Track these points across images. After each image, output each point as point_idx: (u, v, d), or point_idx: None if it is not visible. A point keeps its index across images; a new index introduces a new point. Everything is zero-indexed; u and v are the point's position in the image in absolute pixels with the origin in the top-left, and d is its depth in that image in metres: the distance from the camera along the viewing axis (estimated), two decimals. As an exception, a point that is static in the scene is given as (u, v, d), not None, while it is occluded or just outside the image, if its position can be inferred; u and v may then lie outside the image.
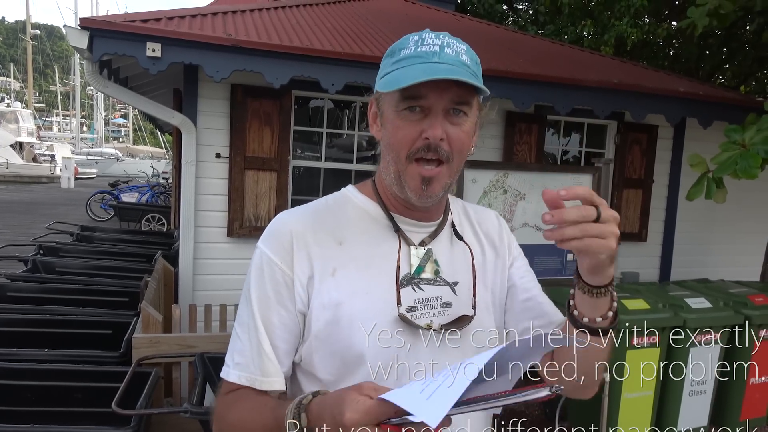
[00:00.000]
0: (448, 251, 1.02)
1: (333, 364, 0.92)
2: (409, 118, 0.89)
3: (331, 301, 0.91)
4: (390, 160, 0.93)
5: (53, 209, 14.27)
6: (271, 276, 0.92)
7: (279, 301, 0.92)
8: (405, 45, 0.91)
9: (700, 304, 3.60)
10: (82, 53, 3.61)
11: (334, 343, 0.91)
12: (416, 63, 0.87)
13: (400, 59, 0.89)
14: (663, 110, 4.67)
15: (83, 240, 6.24)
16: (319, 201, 1.03)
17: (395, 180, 0.93)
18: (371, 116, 0.99)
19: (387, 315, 0.92)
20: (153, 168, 20.12)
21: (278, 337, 0.92)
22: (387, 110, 0.93)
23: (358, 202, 1.01)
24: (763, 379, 3.87)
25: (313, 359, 0.93)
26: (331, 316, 0.90)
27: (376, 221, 0.99)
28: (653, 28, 8.51)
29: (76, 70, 45.14)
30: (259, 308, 0.92)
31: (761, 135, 3.67)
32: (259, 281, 0.93)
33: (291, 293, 0.92)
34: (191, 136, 3.98)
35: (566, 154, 5.41)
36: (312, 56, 3.76)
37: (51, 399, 2.56)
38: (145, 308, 3.02)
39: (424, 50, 0.88)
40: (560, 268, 4.24)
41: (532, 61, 4.94)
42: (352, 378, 0.90)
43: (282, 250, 0.93)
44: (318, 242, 0.94)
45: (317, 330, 0.91)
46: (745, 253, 5.76)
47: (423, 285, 0.96)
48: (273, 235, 0.95)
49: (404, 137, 0.89)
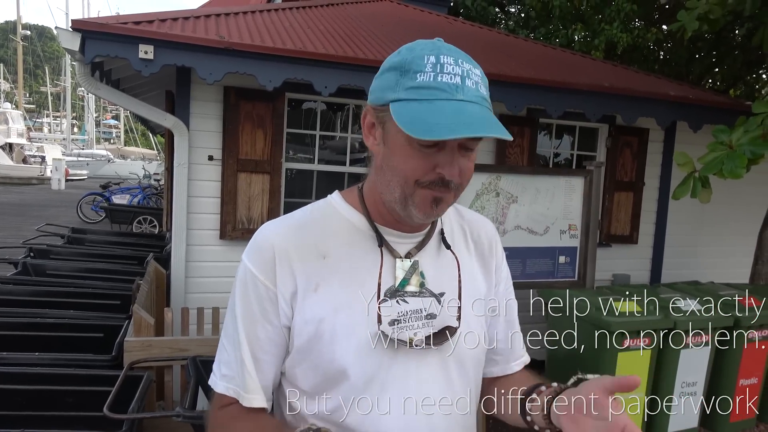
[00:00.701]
0: (434, 261, 0.99)
1: (315, 378, 0.92)
2: (423, 150, 0.84)
3: (313, 317, 0.90)
4: (395, 182, 0.88)
5: (43, 211, 14.16)
6: (255, 291, 0.93)
7: (264, 315, 0.92)
8: (421, 67, 0.83)
9: (690, 306, 3.63)
10: (74, 55, 3.60)
11: (316, 357, 0.91)
12: (441, 99, 0.81)
13: (419, 87, 0.82)
14: (654, 113, 4.71)
15: (74, 242, 6.19)
16: (304, 211, 1.00)
17: (400, 200, 0.89)
18: (367, 126, 0.92)
19: (369, 329, 0.90)
20: (144, 170, 19.99)
21: (264, 351, 0.93)
22: (395, 133, 0.86)
23: (343, 213, 0.98)
24: (752, 381, 3.91)
25: (296, 372, 0.94)
26: (314, 331, 0.90)
27: (361, 233, 0.96)
28: (643, 32, 8.57)
29: (66, 71, 44.88)
30: (244, 323, 0.93)
31: (748, 136, 3.71)
32: (244, 295, 0.94)
33: (275, 308, 0.92)
34: (184, 138, 3.97)
35: (558, 157, 5.44)
36: (305, 59, 3.76)
37: (42, 403, 2.54)
38: (137, 311, 3.01)
39: (445, 81, 0.81)
40: (552, 270, 4.27)
41: (525, 64, 4.97)
42: (335, 391, 0.91)
43: (265, 266, 0.92)
44: (301, 258, 0.92)
45: (300, 344, 0.92)
46: (734, 255, 5.81)
47: (407, 297, 0.95)
48: (256, 250, 0.95)
49: (416, 168, 0.85)
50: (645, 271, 5.51)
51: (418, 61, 0.84)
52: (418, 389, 0.93)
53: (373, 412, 0.91)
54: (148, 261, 4.48)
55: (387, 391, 0.91)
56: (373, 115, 0.91)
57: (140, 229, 10.66)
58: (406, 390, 0.92)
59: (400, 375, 0.92)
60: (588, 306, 3.53)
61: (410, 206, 0.89)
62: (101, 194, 13.14)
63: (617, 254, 5.32)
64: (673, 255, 5.55)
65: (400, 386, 0.92)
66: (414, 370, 0.93)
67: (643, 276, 5.48)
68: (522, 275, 4.17)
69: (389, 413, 0.91)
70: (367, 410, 0.90)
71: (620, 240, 5.30)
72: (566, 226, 4.27)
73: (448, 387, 0.97)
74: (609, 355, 3.41)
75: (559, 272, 4.28)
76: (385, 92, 0.86)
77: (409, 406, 0.92)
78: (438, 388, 0.96)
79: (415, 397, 0.93)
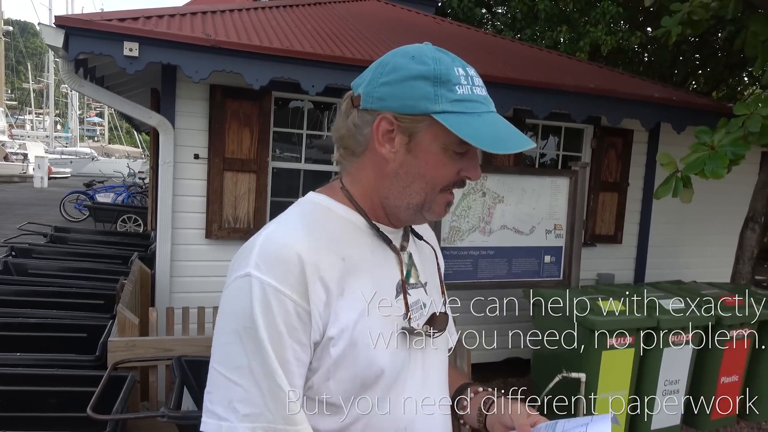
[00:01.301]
0: (418, 253, 1.05)
1: (352, 386, 0.88)
2: (455, 157, 0.90)
3: (347, 323, 0.86)
4: (417, 189, 0.91)
5: (26, 209, 13.97)
6: (282, 309, 0.81)
7: (292, 335, 0.82)
8: (457, 79, 0.87)
9: (673, 305, 3.68)
10: (57, 52, 3.55)
11: (353, 364, 0.87)
12: (483, 111, 0.88)
13: (462, 100, 0.86)
14: (638, 115, 4.77)
15: (57, 241, 6.11)
16: (302, 213, 0.93)
17: (416, 207, 0.93)
18: (382, 133, 0.89)
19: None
20: (129, 168, 19.84)
21: (295, 375, 0.84)
22: (429, 143, 0.88)
23: (341, 213, 0.95)
24: (733, 378, 3.97)
25: (329, 386, 0.87)
26: (348, 338, 0.86)
27: (362, 231, 0.95)
28: (627, 35, 8.67)
29: (49, 68, 44.32)
30: (273, 347, 0.81)
31: (730, 137, 3.77)
32: (267, 316, 0.81)
33: (306, 326, 0.83)
34: (169, 136, 3.94)
35: (544, 157, 5.48)
36: (292, 58, 3.75)
37: (24, 404, 2.51)
38: (121, 311, 2.98)
39: (478, 94, 0.88)
40: (537, 270, 4.30)
41: (511, 65, 5.00)
42: (369, 392, 0.90)
43: (293, 279, 0.82)
44: (327, 264, 0.86)
45: (336, 355, 0.86)
46: (717, 255, 5.90)
47: (411, 290, 0.98)
48: (279, 263, 0.83)
49: (446, 174, 0.90)
50: (629, 270, 5.57)
51: (451, 73, 0.87)
52: (426, 376, 0.98)
53: (399, 404, 0.93)
54: (133, 260, 4.44)
55: (408, 382, 0.94)
56: (393, 123, 0.88)
57: (125, 228, 10.55)
58: (418, 378, 0.97)
59: (414, 365, 0.96)
60: (572, 305, 3.56)
61: (425, 211, 0.93)
62: (85, 192, 13.00)
63: (602, 254, 5.37)
64: (656, 255, 5.62)
65: (416, 375, 0.96)
66: (421, 359, 0.97)
67: (627, 275, 5.54)
68: (508, 274, 4.20)
69: (410, 406, 0.95)
70: (394, 407, 0.92)
71: (605, 240, 5.35)
72: (552, 226, 4.31)
73: (442, 371, 1.05)
74: (593, 354, 3.44)
75: (545, 272, 4.32)
76: (418, 102, 0.86)
77: (423, 394, 0.97)
78: (438, 374, 1.03)
79: (426, 387, 0.98)
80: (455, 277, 4.02)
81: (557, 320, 3.70)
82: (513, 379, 4.75)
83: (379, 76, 0.89)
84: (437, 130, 0.87)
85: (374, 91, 0.89)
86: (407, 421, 0.94)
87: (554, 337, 3.74)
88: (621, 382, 3.57)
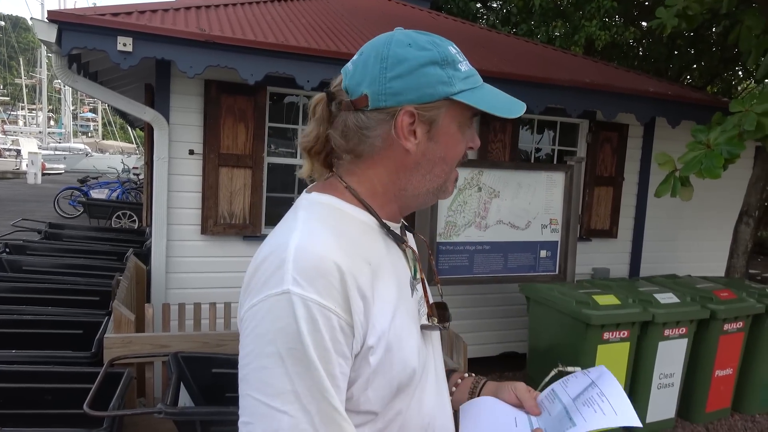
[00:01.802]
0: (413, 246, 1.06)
1: (390, 392, 0.85)
2: (466, 132, 0.93)
3: (383, 330, 0.83)
4: (438, 173, 0.92)
5: (19, 206, 13.90)
6: (328, 325, 0.76)
7: (337, 350, 0.78)
8: (454, 57, 0.90)
9: (668, 299, 3.70)
10: (50, 47, 3.53)
11: (390, 369, 0.84)
12: (481, 83, 0.92)
13: (468, 76, 0.90)
14: (633, 109, 4.77)
15: (51, 238, 6.09)
16: (319, 217, 0.87)
17: (434, 190, 0.94)
18: (405, 128, 0.87)
19: (417, 324, 0.93)
20: (123, 164, 19.76)
21: (342, 390, 0.79)
22: (448, 124, 0.90)
23: (354, 214, 0.90)
24: (727, 372, 4.00)
25: (368, 394, 0.84)
26: (385, 344, 0.83)
27: (374, 231, 0.91)
28: (622, 29, 8.68)
29: (42, 63, 43.96)
30: (323, 366, 0.76)
31: (725, 136, 3.78)
32: (315, 335, 0.75)
33: (349, 338, 0.79)
34: (163, 132, 3.92)
35: (539, 152, 5.49)
36: (287, 52, 3.74)
37: (20, 401, 2.50)
38: (117, 307, 2.97)
39: (471, 67, 0.92)
40: (533, 264, 4.31)
41: (506, 59, 4.99)
42: (401, 399, 0.88)
43: (335, 292, 0.78)
44: (360, 271, 0.82)
45: (375, 363, 0.82)
46: (711, 249, 5.93)
47: (417, 286, 0.98)
48: (317, 275, 0.77)
49: (461, 150, 0.94)
50: (624, 264, 5.59)
51: (450, 52, 0.89)
52: (436, 369, 0.99)
53: (423, 402, 0.93)
54: (128, 257, 4.43)
55: (429, 378, 0.95)
56: (413, 114, 0.87)
57: (119, 224, 10.52)
58: (433, 372, 0.97)
59: (430, 359, 0.97)
60: (568, 299, 3.58)
61: (441, 192, 0.95)
62: (79, 189, 12.94)
63: (597, 248, 5.39)
64: (651, 249, 5.64)
65: (429, 371, 0.96)
66: (432, 353, 0.98)
67: (623, 270, 5.57)
68: (504, 269, 4.21)
69: (430, 399, 0.95)
70: (419, 403, 0.92)
71: (600, 234, 5.37)
72: (547, 221, 4.32)
73: (443, 361, 1.06)
74: (589, 347, 3.46)
75: (541, 266, 4.33)
76: (435, 87, 0.86)
77: (437, 387, 0.98)
78: (442, 364, 1.04)
79: (437, 378, 0.99)
80: (451, 272, 4.03)
81: (553, 314, 3.71)
82: (509, 374, 4.77)
83: (385, 71, 0.85)
84: (454, 111, 0.89)
85: (385, 87, 0.85)
86: (431, 416, 0.94)
87: (550, 331, 3.76)
88: (616, 376, 3.57)
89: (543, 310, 3.82)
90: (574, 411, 0.93)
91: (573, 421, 0.91)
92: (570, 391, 0.99)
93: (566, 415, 0.94)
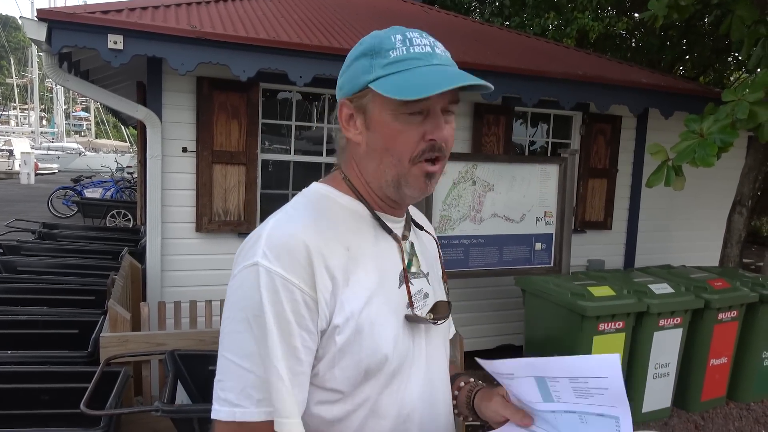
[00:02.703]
0: (419, 242, 1.06)
1: (357, 373, 0.89)
2: (411, 121, 0.87)
3: (352, 312, 0.87)
4: (387, 164, 0.91)
5: (13, 206, 13.82)
6: (290, 298, 0.82)
7: (300, 323, 0.83)
8: (391, 45, 0.87)
9: (662, 289, 3.71)
10: (40, 45, 3.50)
11: (359, 351, 0.88)
12: (419, 66, 0.86)
13: (395, 61, 0.86)
14: (626, 101, 4.78)
15: (46, 237, 6.06)
16: (306, 203, 0.95)
17: (393, 183, 0.92)
18: (345, 119, 0.94)
19: (399, 314, 0.93)
20: (117, 162, 19.63)
21: (302, 362, 0.85)
22: (379, 114, 0.89)
23: (343, 203, 0.96)
24: (722, 360, 4.03)
25: (334, 372, 0.88)
26: (354, 326, 0.87)
27: (364, 220, 0.96)
28: (614, 21, 8.68)
29: (33, 62, 43.69)
30: (281, 335, 0.82)
31: (718, 125, 3.80)
32: (276, 305, 0.82)
33: (314, 314, 0.85)
34: (156, 130, 3.90)
35: (533, 145, 5.50)
36: (279, 48, 3.72)
37: (17, 402, 2.50)
38: (113, 306, 2.97)
39: (417, 51, 0.87)
40: (529, 257, 4.32)
41: (499, 52, 4.99)
42: (372, 380, 0.90)
43: (300, 268, 0.83)
44: (332, 253, 0.87)
45: (342, 343, 0.87)
46: (705, 239, 5.96)
47: (413, 279, 0.99)
48: (286, 252, 0.84)
49: (408, 141, 0.88)
50: (619, 256, 5.61)
51: (386, 42, 0.88)
52: (429, 365, 0.99)
53: (403, 394, 0.94)
54: (123, 255, 4.42)
55: (412, 372, 0.96)
56: (350, 105, 0.92)
57: (114, 223, 10.49)
58: (422, 368, 0.98)
59: (418, 354, 0.97)
60: (564, 291, 3.59)
61: (404, 187, 0.92)
62: (73, 188, 12.88)
63: (592, 240, 5.41)
64: (646, 240, 5.66)
65: (419, 365, 0.97)
66: (424, 347, 0.98)
67: (617, 261, 5.59)
68: (499, 262, 4.22)
69: (414, 393, 0.96)
70: (399, 394, 0.94)
71: (594, 226, 5.39)
72: (542, 213, 4.33)
73: (444, 359, 1.07)
74: (585, 338, 3.48)
75: (536, 259, 4.34)
76: (359, 78, 0.89)
77: (427, 382, 0.98)
78: (440, 361, 1.04)
79: (429, 374, 0.99)
80: (447, 266, 3.99)
81: (548, 306, 3.72)
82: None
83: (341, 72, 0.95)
84: (381, 99, 0.88)
85: (337, 87, 0.95)
86: (410, 408, 0.95)
87: (546, 323, 3.77)
88: (612, 367, 3.60)
89: (539, 302, 3.83)
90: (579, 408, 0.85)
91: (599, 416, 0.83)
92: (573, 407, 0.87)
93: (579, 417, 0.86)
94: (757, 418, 4.04)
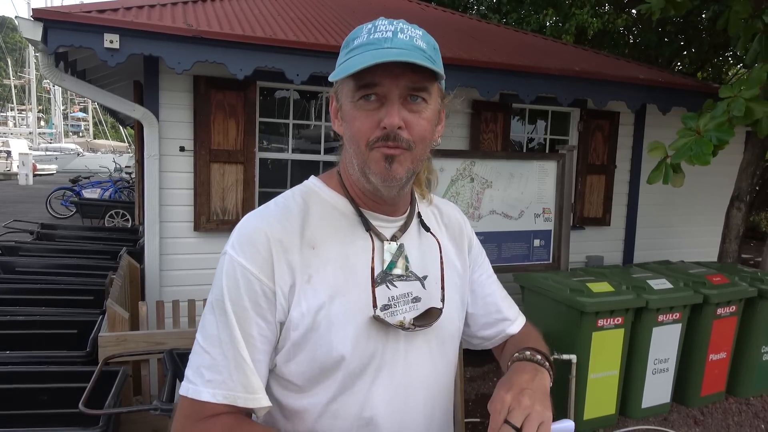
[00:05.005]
0: (417, 245, 1.02)
1: (311, 369, 0.90)
2: (365, 107, 0.87)
3: (309, 308, 0.88)
4: (353, 153, 0.91)
5: (11, 207, 13.80)
6: (248, 287, 0.86)
7: (258, 312, 0.87)
8: (358, 34, 0.88)
9: (661, 285, 3.71)
10: (36, 45, 3.49)
11: (313, 348, 0.89)
12: (368, 50, 0.84)
13: (353, 48, 0.87)
14: (624, 97, 4.78)
15: (44, 238, 6.06)
16: (285, 199, 0.97)
17: (360, 171, 0.91)
18: (333, 111, 0.96)
19: (364, 316, 0.91)
20: (115, 163, 19.60)
21: (258, 350, 0.87)
22: (345, 102, 0.90)
23: (326, 198, 0.97)
24: (721, 355, 4.03)
25: (290, 366, 0.90)
26: (311, 322, 0.88)
27: (346, 217, 0.96)
28: (612, 17, 8.68)
29: (30, 63, 43.59)
30: (237, 321, 0.86)
31: (714, 122, 3.79)
32: (234, 293, 0.86)
33: (271, 304, 0.87)
34: (153, 129, 3.90)
35: (531, 142, 5.49)
36: (276, 46, 3.71)
37: (16, 402, 2.49)
38: (111, 306, 2.96)
39: (376, 37, 0.86)
40: (527, 254, 4.32)
41: (497, 49, 4.98)
42: (330, 380, 0.90)
43: (260, 259, 0.87)
44: (295, 248, 0.89)
45: (297, 337, 0.88)
46: (703, 235, 5.97)
47: (396, 282, 0.96)
48: (248, 244, 0.88)
49: (362, 127, 0.87)
50: (618, 252, 5.62)
51: (357, 31, 0.90)
52: (407, 371, 0.96)
53: (365, 397, 0.92)
54: (121, 255, 4.41)
55: (379, 376, 0.93)
56: (334, 99, 0.95)
57: (112, 223, 10.48)
58: (396, 373, 0.95)
59: (390, 359, 0.94)
60: (562, 288, 3.59)
61: (369, 174, 0.89)
62: (71, 189, 12.86)
63: (590, 236, 5.41)
64: (644, 236, 5.67)
65: (391, 370, 0.94)
66: (403, 353, 0.95)
67: (616, 257, 5.59)
68: (498, 259, 4.22)
69: (380, 397, 0.93)
70: (360, 396, 0.92)
71: (593, 222, 5.39)
72: (540, 210, 4.32)
73: (432, 368, 1.01)
74: (584, 335, 3.48)
75: (535, 255, 4.34)
76: (335, 70, 0.90)
77: (399, 388, 0.95)
78: (424, 369, 0.99)
79: (403, 380, 0.96)
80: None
81: (547, 303, 3.72)
82: (505, 363, 4.78)
83: None
84: (344, 87, 0.90)
85: None
86: (372, 413, 0.93)
87: (545, 319, 3.77)
88: (611, 362, 3.61)
89: (538, 298, 3.83)
90: None
91: None
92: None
93: None
94: (757, 412, 4.04)
